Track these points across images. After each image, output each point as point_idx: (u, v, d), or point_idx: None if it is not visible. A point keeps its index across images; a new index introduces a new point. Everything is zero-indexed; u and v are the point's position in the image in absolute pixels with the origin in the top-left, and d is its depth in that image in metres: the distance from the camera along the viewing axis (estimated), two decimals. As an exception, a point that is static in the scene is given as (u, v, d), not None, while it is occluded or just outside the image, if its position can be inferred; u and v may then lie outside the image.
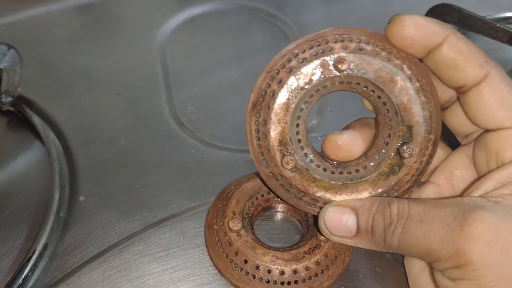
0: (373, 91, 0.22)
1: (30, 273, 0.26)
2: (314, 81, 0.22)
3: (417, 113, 0.22)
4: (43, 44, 0.43)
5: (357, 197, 0.23)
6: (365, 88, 0.22)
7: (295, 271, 0.25)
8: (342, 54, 0.21)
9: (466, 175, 0.24)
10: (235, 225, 0.26)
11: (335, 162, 0.24)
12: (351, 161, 0.24)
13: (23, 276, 0.26)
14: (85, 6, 0.48)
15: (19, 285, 0.26)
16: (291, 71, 0.22)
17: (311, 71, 0.22)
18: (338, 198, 0.23)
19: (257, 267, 0.25)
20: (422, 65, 0.22)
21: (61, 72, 0.40)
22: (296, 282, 0.25)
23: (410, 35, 0.21)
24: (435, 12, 0.39)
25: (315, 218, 0.24)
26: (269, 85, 0.23)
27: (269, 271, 0.25)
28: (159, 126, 0.35)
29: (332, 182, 0.23)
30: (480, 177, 0.23)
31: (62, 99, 0.38)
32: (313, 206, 0.24)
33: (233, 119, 0.36)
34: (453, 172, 0.24)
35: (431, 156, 0.23)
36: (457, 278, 0.20)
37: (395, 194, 0.23)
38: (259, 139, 0.23)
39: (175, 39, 0.44)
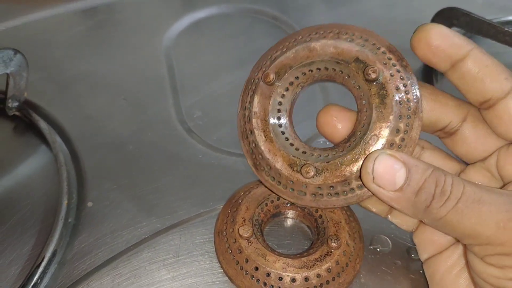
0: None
1: (39, 280, 0.26)
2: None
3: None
4: (48, 49, 0.43)
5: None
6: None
7: (306, 279, 0.25)
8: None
9: (491, 185, 0.24)
10: (246, 231, 0.26)
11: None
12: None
13: (32, 283, 0.26)
14: (89, 10, 0.48)
15: (28, 292, 0.26)
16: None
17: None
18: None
19: (268, 275, 0.25)
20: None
21: (67, 76, 0.40)
22: (307, 289, 0.25)
23: (436, 43, 0.21)
24: (442, 16, 0.39)
25: None
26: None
27: (280, 279, 0.25)
28: (166, 131, 0.35)
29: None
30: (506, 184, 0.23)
31: (68, 104, 0.38)
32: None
33: (241, 123, 0.36)
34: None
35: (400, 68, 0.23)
36: (506, 266, 0.19)
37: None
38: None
39: (181, 43, 0.44)
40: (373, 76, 0.22)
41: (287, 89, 0.25)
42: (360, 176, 0.22)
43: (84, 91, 0.39)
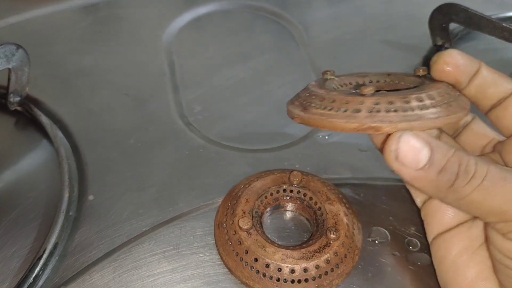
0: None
1: (40, 272, 0.26)
2: None
3: None
4: (50, 44, 0.43)
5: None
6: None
7: (305, 269, 0.25)
8: None
9: None
10: (245, 223, 0.26)
11: None
12: None
13: (34, 275, 0.26)
14: (90, 6, 0.48)
15: (30, 284, 0.26)
16: None
17: None
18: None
19: (267, 266, 0.25)
20: None
21: (69, 72, 0.40)
22: (306, 280, 0.25)
23: (459, 62, 0.24)
24: (440, 12, 0.39)
25: None
26: None
27: (280, 269, 0.25)
28: (166, 126, 0.36)
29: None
30: None
31: (69, 99, 0.38)
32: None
33: (241, 118, 0.37)
34: None
35: None
36: None
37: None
38: None
39: (181, 38, 0.44)
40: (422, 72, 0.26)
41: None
42: (383, 154, 0.22)
43: (85, 86, 0.39)
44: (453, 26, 0.40)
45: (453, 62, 0.24)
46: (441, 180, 0.21)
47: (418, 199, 0.27)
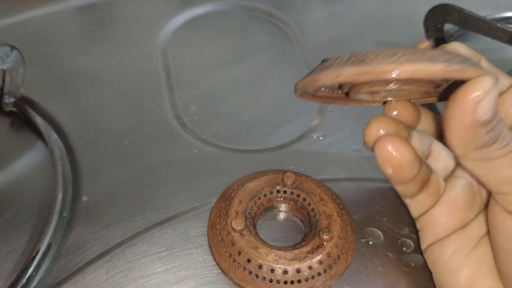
0: None
1: (34, 273, 0.26)
2: None
3: None
4: (44, 45, 0.43)
5: None
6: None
7: (298, 270, 0.25)
8: None
9: None
10: (238, 224, 0.26)
11: None
12: None
13: (27, 276, 0.26)
14: (86, 7, 0.48)
15: (23, 285, 0.26)
16: None
17: None
18: None
19: (260, 267, 0.25)
20: None
21: (63, 72, 0.40)
22: (299, 281, 0.25)
23: (462, 52, 0.23)
24: (435, 12, 0.39)
25: None
26: None
27: (272, 271, 0.25)
28: (161, 126, 0.36)
29: None
30: None
31: (64, 100, 0.38)
32: None
33: (236, 118, 0.37)
34: None
35: None
36: None
37: None
38: None
39: (177, 39, 0.44)
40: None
41: None
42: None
43: (80, 87, 0.39)
44: (448, 26, 0.40)
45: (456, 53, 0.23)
46: (486, 137, 0.19)
47: (416, 212, 0.26)
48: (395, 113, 0.25)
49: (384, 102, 0.25)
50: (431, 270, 0.26)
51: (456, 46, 0.23)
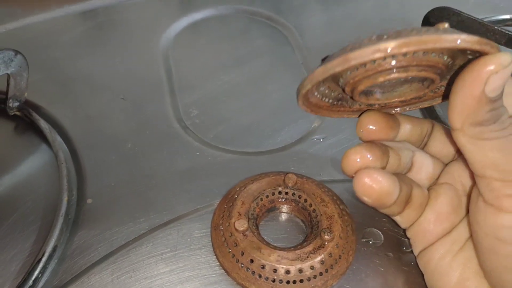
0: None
1: (40, 275, 0.27)
2: None
3: None
4: (47, 50, 0.43)
5: None
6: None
7: (300, 270, 0.25)
8: None
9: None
10: (241, 225, 0.26)
11: None
12: None
13: (33, 278, 0.26)
14: (88, 12, 0.48)
15: (30, 286, 0.26)
16: None
17: None
18: None
19: (263, 267, 0.25)
20: None
21: (66, 77, 0.41)
22: (301, 281, 0.25)
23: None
24: (433, 15, 0.40)
25: None
26: None
27: (275, 271, 0.25)
28: (164, 129, 0.36)
29: None
30: None
31: (67, 104, 0.38)
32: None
33: (237, 121, 0.37)
34: (462, 172, 0.25)
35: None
36: None
37: None
38: None
39: (178, 44, 0.45)
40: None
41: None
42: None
43: (83, 91, 0.39)
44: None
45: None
46: (487, 115, 0.20)
47: (403, 225, 0.27)
48: (371, 127, 0.25)
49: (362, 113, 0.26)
50: (423, 273, 0.26)
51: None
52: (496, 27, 0.37)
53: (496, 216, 0.21)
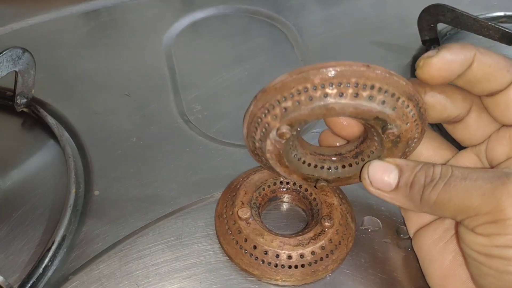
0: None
1: (49, 263, 0.27)
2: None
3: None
4: (54, 48, 0.44)
5: None
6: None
7: (301, 255, 0.26)
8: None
9: None
10: (244, 213, 0.27)
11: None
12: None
13: (43, 266, 0.27)
14: (92, 12, 0.49)
15: (40, 274, 0.27)
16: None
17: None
18: None
19: (266, 252, 0.26)
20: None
21: (72, 75, 0.42)
22: (302, 265, 0.26)
23: (441, 73, 0.22)
24: (428, 12, 0.41)
25: None
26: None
27: (277, 256, 0.26)
28: (167, 124, 0.37)
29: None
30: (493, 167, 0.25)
31: (74, 101, 0.39)
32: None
33: (238, 116, 0.38)
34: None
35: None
36: (492, 233, 0.21)
37: None
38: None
39: (180, 42, 0.46)
40: (392, 137, 0.23)
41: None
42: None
43: (89, 88, 0.40)
44: (442, 26, 0.42)
45: (436, 70, 0.22)
46: (413, 194, 0.23)
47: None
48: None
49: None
50: (417, 257, 0.27)
51: (434, 62, 0.22)
52: (490, 23, 0.38)
53: (475, 237, 0.22)
